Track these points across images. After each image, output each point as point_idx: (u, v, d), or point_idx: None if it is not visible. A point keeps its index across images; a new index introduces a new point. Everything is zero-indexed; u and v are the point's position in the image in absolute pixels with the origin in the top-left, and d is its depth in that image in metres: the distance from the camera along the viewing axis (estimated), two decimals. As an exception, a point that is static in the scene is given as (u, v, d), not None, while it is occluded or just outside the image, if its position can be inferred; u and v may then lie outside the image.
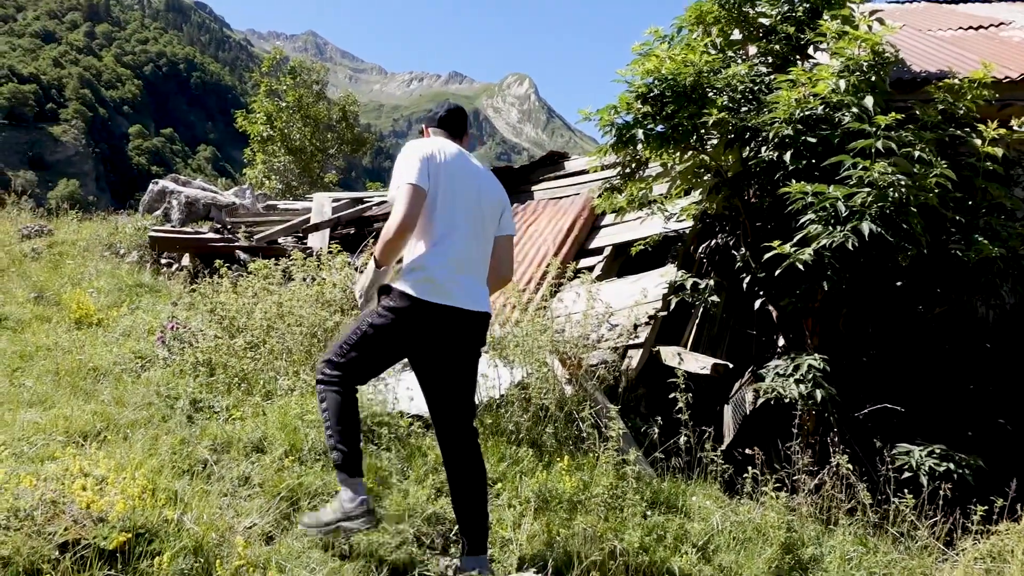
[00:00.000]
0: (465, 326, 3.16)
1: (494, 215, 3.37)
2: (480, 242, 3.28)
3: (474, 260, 3.24)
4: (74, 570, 2.43)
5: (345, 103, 25.19)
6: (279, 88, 23.48)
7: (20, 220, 10.95)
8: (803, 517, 4.16)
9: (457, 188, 3.20)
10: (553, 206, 9.02)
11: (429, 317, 3.06)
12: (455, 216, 3.17)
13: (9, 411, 4.14)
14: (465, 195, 3.22)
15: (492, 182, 3.44)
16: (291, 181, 22.55)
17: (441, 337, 3.13)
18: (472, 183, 3.28)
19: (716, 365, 5.53)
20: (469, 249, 3.20)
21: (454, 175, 3.20)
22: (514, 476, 4.07)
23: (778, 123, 5.22)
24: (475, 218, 3.24)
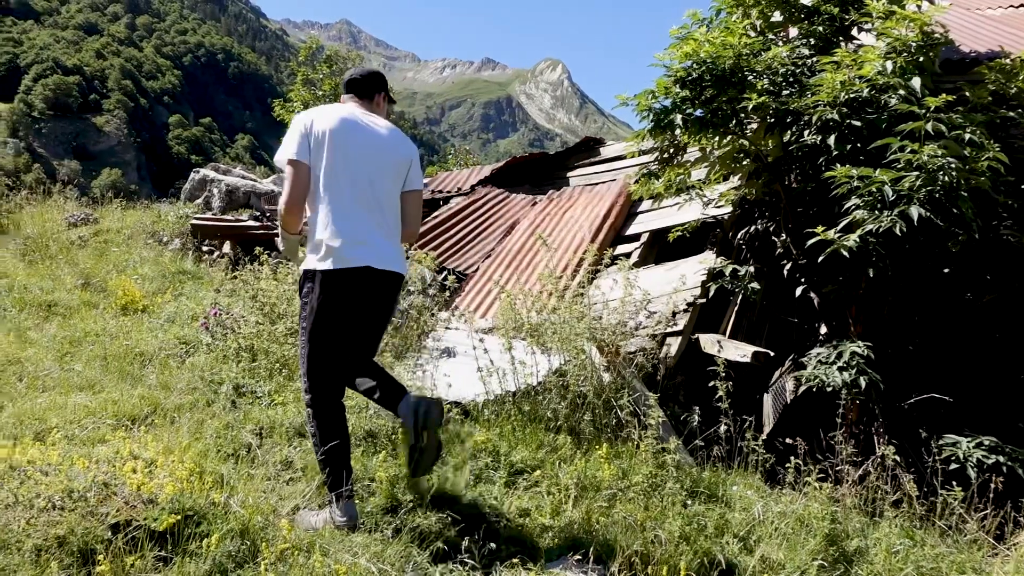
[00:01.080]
0: (375, 285, 3.20)
1: (397, 172, 3.38)
2: (376, 202, 3.27)
3: (372, 221, 3.24)
4: (126, 551, 2.47)
5: (380, 91, 25.25)
6: (315, 77, 23.63)
7: (67, 209, 11.19)
8: (847, 508, 4.09)
9: (346, 151, 3.21)
10: (589, 192, 8.96)
11: (341, 283, 3.12)
12: (342, 182, 3.19)
13: (61, 395, 4.25)
14: (356, 157, 3.23)
15: (394, 141, 3.41)
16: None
17: (357, 297, 3.17)
18: (365, 144, 3.28)
19: (757, 353, 5.46)
20: (363, 212, 3.21)
21: (340, 139, 3.20)
22: (552, 463, 4.06)
23: (822, 106, 5.11)
24: (368, 179, 3.25)
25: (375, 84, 3.56)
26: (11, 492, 2.66)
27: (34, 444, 3.25)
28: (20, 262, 8.10)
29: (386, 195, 3.34)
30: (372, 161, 3.29)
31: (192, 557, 2.60)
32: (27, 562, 2.40)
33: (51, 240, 8.99)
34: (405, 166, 3.43)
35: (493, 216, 9.25)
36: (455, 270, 7.96)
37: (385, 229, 3.31)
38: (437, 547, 3.16)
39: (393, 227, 3.37)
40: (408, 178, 3.44)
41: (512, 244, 8.32)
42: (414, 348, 5.61)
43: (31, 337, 5.54)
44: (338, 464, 3.14)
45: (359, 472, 3.64)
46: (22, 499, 2.63)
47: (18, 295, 6.61)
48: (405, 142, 3.48)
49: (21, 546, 2.43)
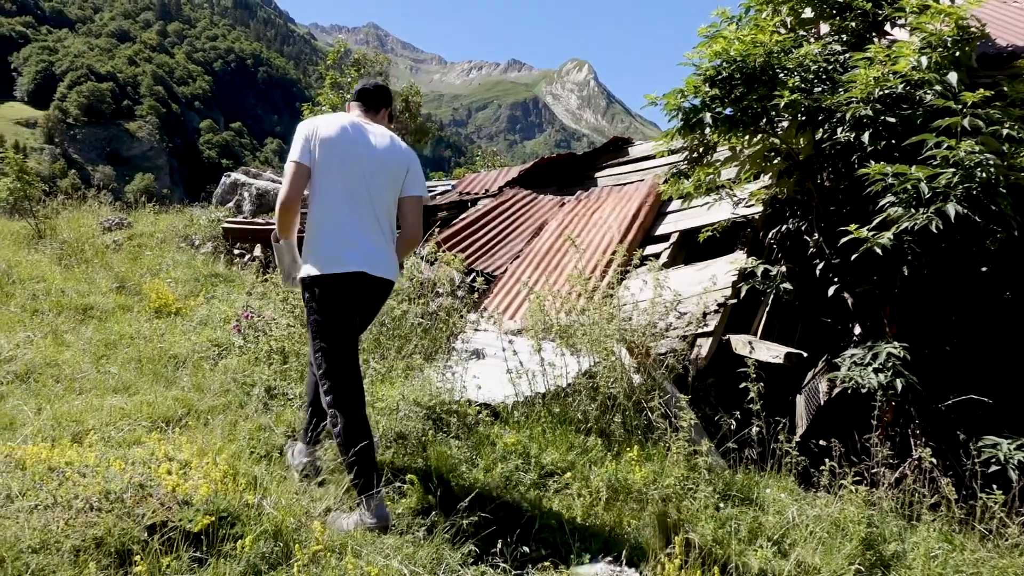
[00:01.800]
0: (365, 289, 3.34)
1: (394, 179, 3.50)
2: (371, 208, 3.40)
3: (367, 227, 3.37)
4: (161, 552, 2.50)
5: (408, 93, 25.39)
6: (343, 81, 23.81)
7: (101, 213, 11.38)
8: (884, 512, 4.02)
9: (344, 157, 3.37)
10: (617, 193, 8.92)
11: (336, 286, 3.27)
12: (338, 187, 3.35)
13: (97, 397, 4.33)
14: (353, 163, 3.38)
15: (392, 148, 3.53)
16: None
17: (350, 300, 3.31)
18: (363, 151, 3.42)
19: (789, 354, 5.39)
20: (357, 218, 3.35)
21: (339, 146, 3.37)
22: (583, 465, 4.05)
23: (855, 103, 5.03)
24: (364, 185, 3.38)
25: (383, 98, 3.75)
26: (50, 493, 2.71)
27: (72, 445, 3.31)
28: (57, 266, 8.25)
29: (381, 201, 3.45)
30: (369, 167, 3.41)
31: (226, 558, 2.62)
32: (66, 562, 2.43)
33: (87, 244, 9.15)
34: (402, 171, 3.53)
35: (521, 217, 9.24)
36: (483, 272, 7.96)
37: (380, 235, 3.42)
38: (469, 549, 3.15)
39: (388, 233, 3.48)
40: (406, 183, 3.55)
41: (540, 245, 8.31)
42: (443, 350, 5.62)
43: (68, 340, 5.64)
44: (366, 465, 3.19)
45: (389, 475, 3.65)
46: (61, 500, 2.67)
47: (55, 298, 6.73)
48: (403, 149, 3.59)
49: (60, 547, 2.47)
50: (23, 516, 2.59)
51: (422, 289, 6.34)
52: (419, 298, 6.14)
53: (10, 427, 3.90)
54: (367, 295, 3.37)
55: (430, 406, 4.36)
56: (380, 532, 3.12)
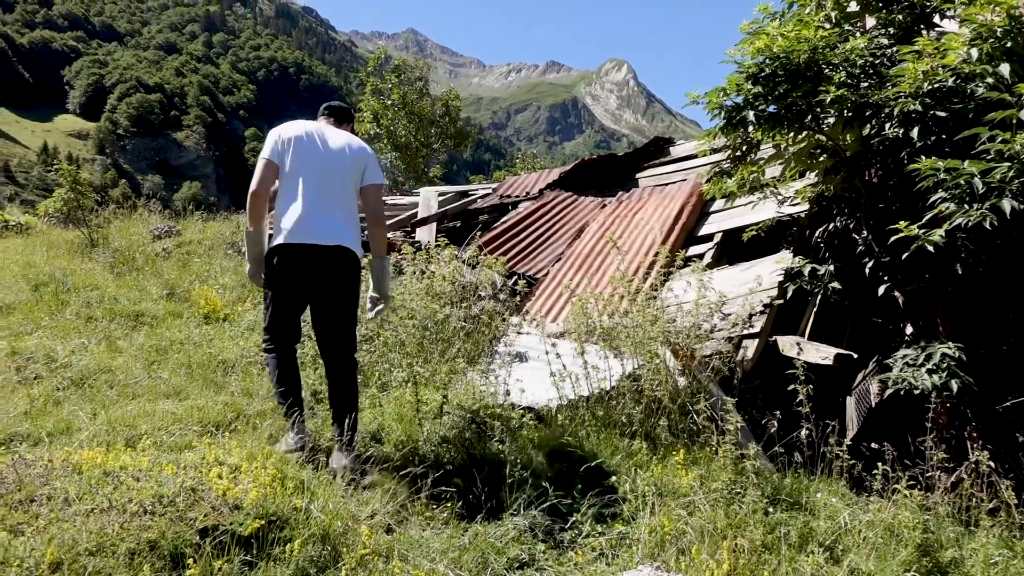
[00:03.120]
0: (320, 258, 3.81)
1: (354, 170, 4.05)
2: (331, 195, 3.93)
3: (324, 209, 3.87)
4: (213, 555, 2.54)
5: (448, 98, 25.56)
6: (384, 87, 24.05)
7: (151, 222, 11.66)
8: (940, 517, 3.91)
9: (306, 155, 3.94)
10: (659, 193, 8.84)
11: (289, 255, 3.79)
12: (300, 178, 3.89)
13: (149, 402, 4.42)
14: (314, 159, 3.95)
15: (348, 146, 4.08)
16: (398, 177, 23.13)
17: (303, 270, 3.81)
18: (324, 149, 4.00)
19: (839, 355, 5.28)
20: (316, 202, 3.86)
21: (304, 146, 3.97)
22: (628, 469, 4.01)
23: (903, 97, 4.90)
24: (325, 176, 3.93)
25: (346, 115, 4.44)
26: (106, 497, 2.77)
27: (126, 450, 3.38)
28: (109, 274, 8.47)
29: (340, 189, 3.98)
30: (331, 161, 3.98)
31: (276, 562, 2.66)
32: (121, 565, 2.49)
33: (137, 252, 9.38)
34: (361, 165, 4.08)
35: (562, 220, 9.22)
36: (525, 275, 7.96)
37: (338, 215, 3.91)
38: (515, 553, 3.15)
39: (347, 215, 3.97)
40: (365, 175, 4.10)
41: (582, 247, 8.28)
42: (486, 353, 5.63)
43: (121, 346, 5.78)
44: (289, 401, 3.81)
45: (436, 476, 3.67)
46: (116, 504, 2.73)
47: (108, 306, 6.91)
48: (359, 146, 4.14)
49: (116, 549, 2.52)
50: (80, 519, 2.65)
51: (464, 293, 6.36)
52: (461, 302, 6.16)
53: (67, 431, 4.01)
54: (320, 264, 3.82)
55: (474, 410, 4.37)
56: (298, 452, 3.61)
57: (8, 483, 2.85)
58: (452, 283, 6.29)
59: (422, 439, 4.03)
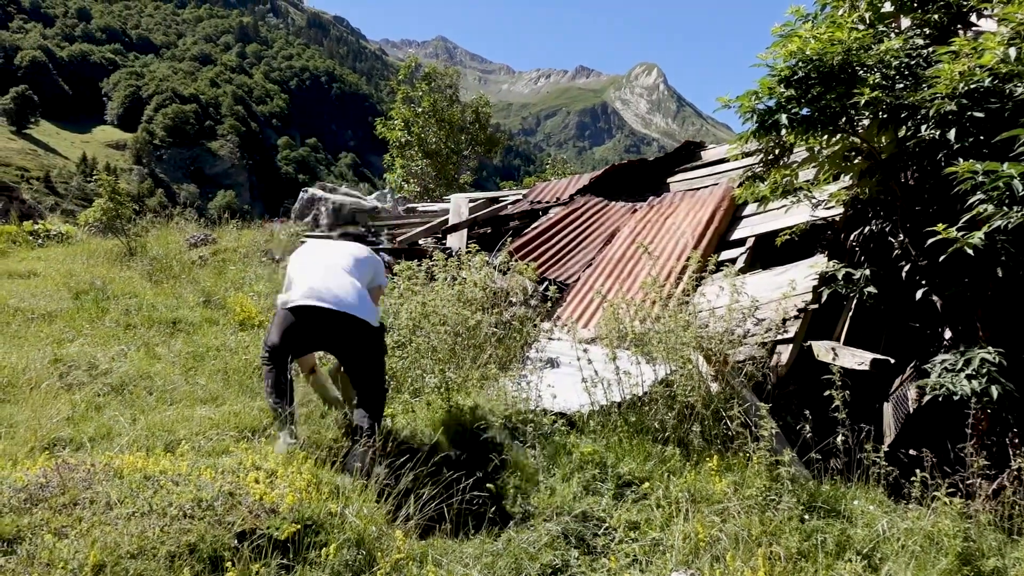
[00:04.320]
0: (318, 319, 4.06)
1: (360, 268, 4.41)
2: (335, 276, 4.23)
3: (328, 285, 4.17)
4: (251, 558, 2.58)
5: (478, 104, 25.64)
6: (415, 95, 24.20)
7: (187, 230, 11.85)
8: (981, 525, 3.83)
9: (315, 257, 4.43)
10: (691, 198, 8.79)
11: (291, 315, 4.10)
12: (308, 270, 4.30)
13: (187, 407, 4.50)
14: (320, 259, 4.39)
15: (357, 251, 4.55)
16: (428, 184, 23.23)
17: (305, 329, 4.08)
18: (328, 251, 4.48)
19: (875, 360, 5.20)
20: (321, 281, 4.18)
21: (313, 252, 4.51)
22: (661, 475, 3.99)
23: (939, 99, 4.83)
24: (329, 267, 4.30)
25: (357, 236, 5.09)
26: (146, 501, 2.83)
27: (165, 455, 3.45)
28: (147, 282, 8.63)
29: (348, 272, 4.31)
30: (335, 259, 4.38)
31: (312, 565, 2.69)
32: (162, 568, 2.54)
33: (174, 260, 9.54)
34: (368, 268, 4.49)
35: (593, 225, 9.21)
36: (556, 280, 7.96)
37: (342, 288, 4.19)
38: (548, 559, 3.15)
39: (346, 287, 4.21)
40: (374, 278, 4.50)
41: (613, 253, 8.26)
42: (518, 359, 5.64)
43: (159, 353, 5.89)
44: (276, 411, 3.94)
45: (468, 484, 3.69)
46: (156, 507, 2.79)
47: (146, 313, 7.04)
48: (365, 253, 4.57)
49: (156, 552, 2.57)
50: (121, 523, 2.71)
51: (495, 299, 6.38)
52: (493, 308, 6.18)
53: (107, 437, 4.10)
54: (316, 323, 4.09)
55: (506, 415, 4.38)
56: (288, 449, 3.72)
57: (52, 487, 2.93)
58: (483, 289, 6.31)
59: (454, 445, 4.05)
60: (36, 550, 2.53)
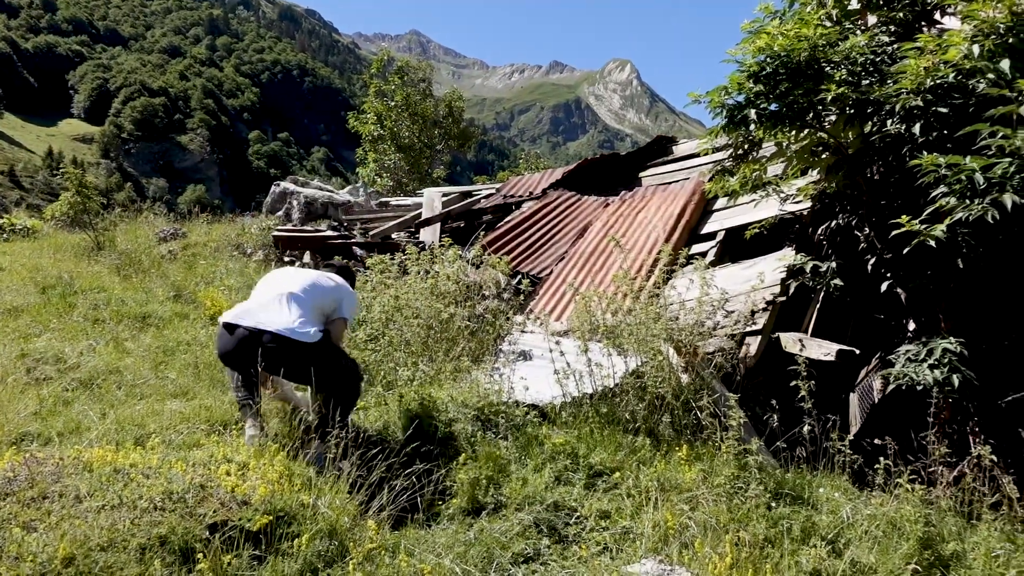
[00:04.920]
0: (239, 339, 4.01)
1: (313, 295, 4.33)
2: (273, 301, 4.20)
3: (260, 306, 4.17)
4: (223, 550, 2.58)
5: (451, 99, 25.60)
6: (388, 88, 24.09)
7: (156, 225, 11.73)
8: (942, 511, 3.93)
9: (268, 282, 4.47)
10: (662, 192, 8.87)
11: (223, 330, 4.10)
12: (256, 292, 4.37)
13: (157, 401, 4.47)
14: (271, 284, 4.41)
15: (321, 280, 4.51)
16: (401, 178, 23.16)
17: (231, 346, 4.03)
18: (285, 278, 4.44)
19: (841, 351, 5.30)
20: (256, 302, 4.22)
21: (272, 277, 4.54)
22: (632, 465, 4.04)
23: (905, 94, 4.92)
24: (274, 293, 4.26)
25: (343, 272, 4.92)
26: (116, 494, 2.82)
27: (135, 448, 3.42)
28: (116, 276, 8.53)
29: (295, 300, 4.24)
30: (288, 287, 4.31)
31: (284, 556, 2.70)
32: (133, 560, 2.53)
33: (143, 255, 9.44)
34: (329, 298, 4.39)
35: (565, 219, 9.25)
36: (529, 274, 8.00)
37: (284, 313, 4.14)
38: (520, 548, 3.18)
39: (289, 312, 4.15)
40: (338, 310, 4.38)
41: (585, 246, 8.31)
42: (490, 352, 5.66)
43: (128, 347, 5.83)
44: (244, 402, 4.03)
45: (441, 475, 3.71)
46: (126, 500, 2.78)
47: (115, 308, 6.96)
48: (331, 288, 4.48)
49: (127, 545, 2.57)
50: (91, 516, 2.69)
51: (468, 292, 6.40)
52: (465, 301, 6.19)
53: (76, 431, 4.06)
54: (245, 343, 4.01)
55: (478, 407, 4.41)
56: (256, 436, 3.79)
57: (20, 481, 2.90)
58: (456, 282, 6.33)
59: (427, 437, 4.06)
60: (4, 543, 2.51)
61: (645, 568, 3.06)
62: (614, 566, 3.13)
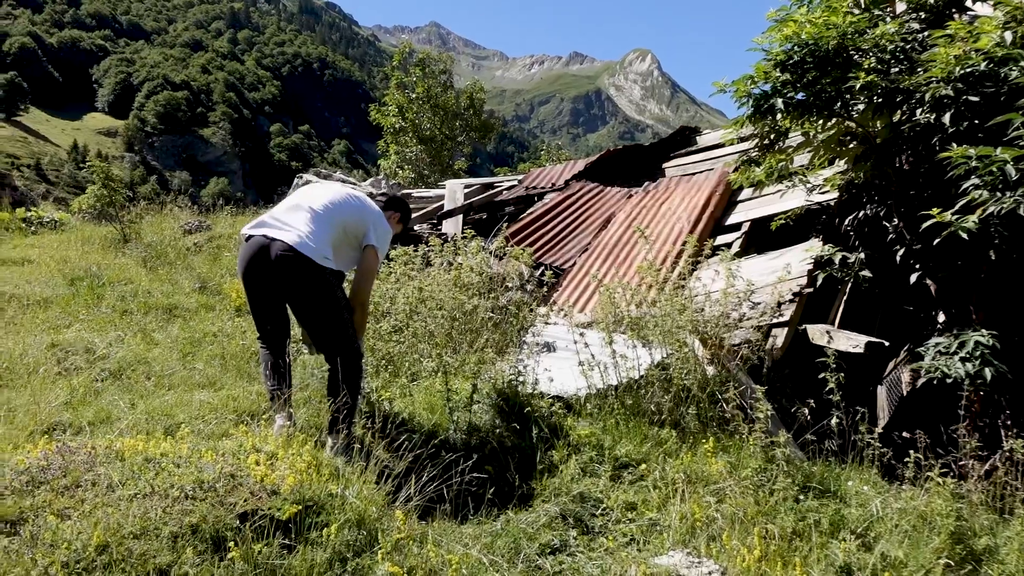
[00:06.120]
0: (262, 254, 3.79)
1: (334, 211, 4.07)
2: (292, 213, 3.99)
3: (276, 219, 3.94)
4: (253, 538, 2.61)
5: (472, 90, 25.59)
6: (408, 80, 24.13)
7: (181, 217, 11.83)
8: (973, 505, 3.87)
9: (293, 196, 4.21)
10: (686, 183, 8.81)
11: (243, 249, 3.89)
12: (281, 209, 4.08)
13: (185, 392, 4.52)
14: (293, 197, 4.17)
15: (347, 201, 4.19)
16: (423, 170, 23.20)
17: (249, 267, 3.85)
18: (308, 192, 4.19)
19: (870, 343, 5.24)
20: (273, 216, 3.97)
21: (297, 192, 4.25)
22: (657, 457, 4.03)
23: (935, 83, 4.85)
24: (293, 205, 4.06)
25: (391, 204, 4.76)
26: (148, 483, 2.85)
27: (165, 438, 3.46)
28: (143, 268, 8.62)
29: (326, 217, 4.02)
30: (318, 203, 4.08)
31: (313, 545, 2.71)
32: (165, 548, 2.55)
33: (169, 247, 9.53)
34: (355, 220, 4.12)
35: (588, 210, 9.22)
36: (552, 265, 7.98)
37: (305, 226, 3.92)
38: (547, 539, 3.18)
39: (310, 227, 3.94)
40: (367, 236, 4.12)
41: (608, 238, 8.28)
42: (514, 343, 5.66)
43: (156, 338, 5.90)
44: (274, 392, 3.88)
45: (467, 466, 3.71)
46: (158, 489, 2.81)
47: (142, 299, 7.04)
48: (361, 209, 4.19)
49: (159, 533, 2.59)
50: (124, 504, 2.72)
51: (492, 284, 6.40)
52: (489, 292, 6.20)
53: (107, 421, 4.12)
54: (260, 258, 3.81)
55: (503, 398, 4.41)
56: (279, 431, 3.64)
57: (54, 469, 2.94)
58: (479, 274, 6.33)
59: (452, 428, 4.07)
60: (39, 531, 2.55)
61: (673, 560, 3.05)
62: (642, 558, 3.12)
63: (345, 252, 4.12)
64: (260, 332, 4.05)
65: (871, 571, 3.17)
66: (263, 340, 4.04)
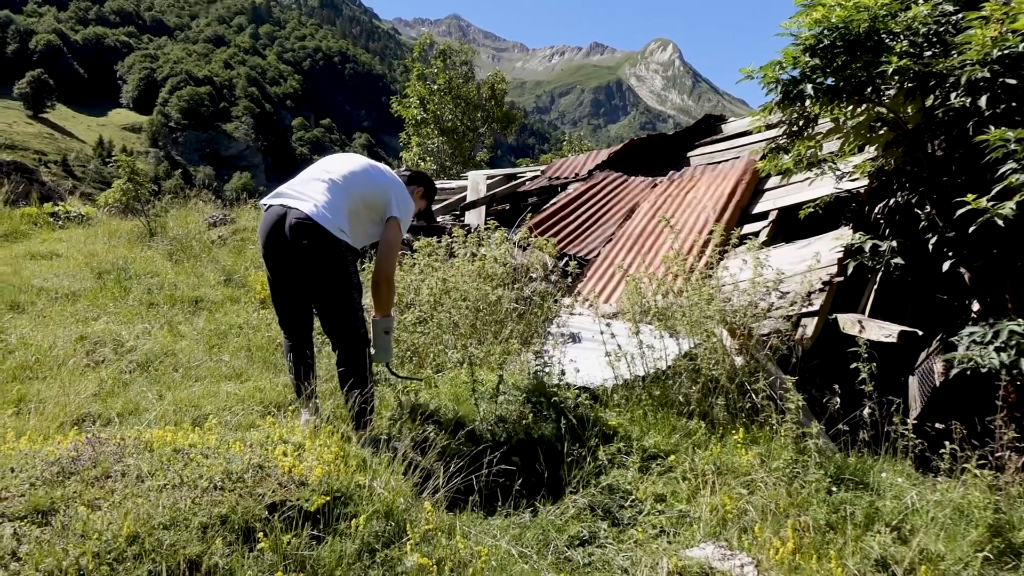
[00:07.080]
0: (279, 224, 3.72)
1: (356, 187, 3.91)
2: (308, 184, 3.88)
3: (293, 188, 3.86)
4: (282, 529, 2.60)
5: (493, 81, 25.53)
6: (430, 72, 24.11)
7: (205, 211, 11.90)
8: (1011, 497, 3.78)
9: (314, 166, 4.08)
10: (711, 171, 8.70)
11: (262, 220, 3.83)
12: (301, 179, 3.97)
13: (212, 383, 4.53)
14: (314, 167, 4.05)
15: (368, 172, 4.03)
16: (444, 162, 23.21)
17: (267, 239, 3.79)
18: (328, 162, 4.09)
19: (903, 332, 5.14)
20: (304, 186, 3.86)
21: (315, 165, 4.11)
22: (686, 448, 3.98)
23: (970, 65, 4.73)
24: (312, 176, 3.94)
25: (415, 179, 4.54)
26: (177, 473, 2.85)
27: (193, 429, 3.47)
28: (168, 261, 8.68)
29: (344, 187, 3.87)
30: (337, 172, 3.95)
31: (342, 536, 2.70)
32: (194, 538, 2.55)
33: (194, 240, 9.59)
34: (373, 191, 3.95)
35: (612, 200, 9.14)
36: (576, 256, 7.92)
37: (322, 196, 3.79)
38: (576, 531, 3.15)
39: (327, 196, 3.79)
40: (387, 208, 3.94)
41: (633, 228, 8.20)
42: (539, 334, 5.62)
43: (182, 331, 5.93)
44: (299, 384, 3.88)
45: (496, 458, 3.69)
46: (187, 480, 2.80)
47: (168, 292, 7.09)
48: (382, 181, 4.02)
49: (189, 523, 2.59)
50: (153, 494, 2.72)
51: (516, 274, 6.36)
52: (513, 283, 6.16)
53: (135, 412, 4.14)
54: (275, 229, 3.74)
55: (529, 390, 4.38)
56: (304, 426, 3.57)
57: (84, 460, 2.95)
58: (503, 265, 6.30)
59: (479, 419, 4.05)
60: (70, 521, 2.56)
61: (705, 552, 3.01)
62: (672, 550, 3.08)
63: (363, 225, 3.95)
64: (281, 319, 3.96)
65: (909, 565, 3.10)
66: (285, 329, 3.97)
